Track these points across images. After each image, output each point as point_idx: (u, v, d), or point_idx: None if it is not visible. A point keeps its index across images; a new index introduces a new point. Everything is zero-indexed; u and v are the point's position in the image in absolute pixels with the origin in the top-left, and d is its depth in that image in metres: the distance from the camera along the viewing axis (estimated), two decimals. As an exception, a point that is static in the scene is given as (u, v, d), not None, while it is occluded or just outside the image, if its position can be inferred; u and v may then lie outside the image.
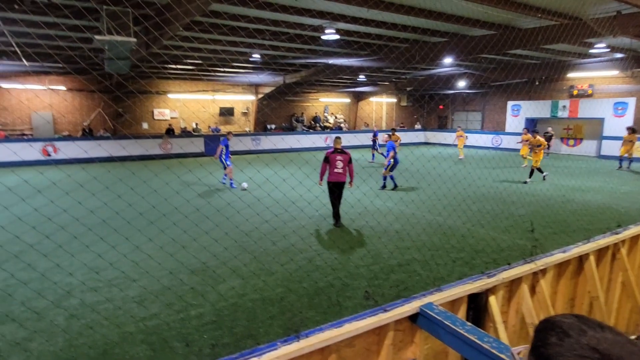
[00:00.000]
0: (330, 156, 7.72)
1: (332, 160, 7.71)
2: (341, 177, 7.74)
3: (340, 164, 7.69)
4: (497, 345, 2.00)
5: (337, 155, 7.74)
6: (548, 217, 8.38)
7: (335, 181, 7.73)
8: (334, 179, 7.73)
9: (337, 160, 7.69)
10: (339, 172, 7.70)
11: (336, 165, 7.67)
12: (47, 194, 5.74)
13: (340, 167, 7.68)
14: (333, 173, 7.71)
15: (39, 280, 5.08)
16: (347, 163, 7.73)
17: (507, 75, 19.68)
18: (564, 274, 3.51)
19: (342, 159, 7.72)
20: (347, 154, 7.78)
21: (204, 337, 4.00)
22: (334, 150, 7.82)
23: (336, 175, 7.71)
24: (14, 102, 18.93)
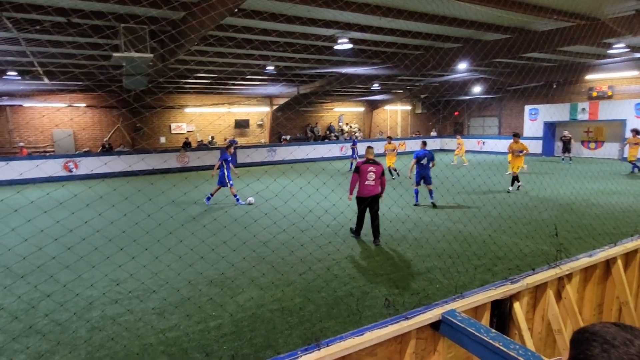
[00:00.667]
0: (362, 167, 7.06)
1: (363, 171, 7.03)
2: (374, 189, 7.05)
3: (373, 176, 7.02)
4: (524, 352, 1.93)
5: (370, 166, 7.07)
6: (572, 222, 8.15)
7: (368, 195, 7.03)
8: (366, 192, 7.04)
9: (369, 172, 7.03)
10: (370, 184, 7.01)
11: (367, 177, 7.02)
12: (68, 207, 5.88)
13: (373, 180, 7.02)
14: (364, 186, 7.03)
15: (62, 293, 5.18)
16: (380, 175, 7.09)
17: (523, 79, 19.40)
18: (591, 278, 3.39)
19: (374, 170, 7.04)
20: (380, 164, 7.15)
21: (224, 347, 3.99)
22: (366, 161, 7.15)
23: (368, 188, 7.03)
24: (36, 120, 19.59)
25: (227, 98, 24.14)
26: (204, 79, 17.53)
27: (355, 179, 7.09)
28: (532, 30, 11.17)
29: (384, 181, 7.20)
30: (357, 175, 7.06)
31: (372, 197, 6.99)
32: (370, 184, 7.00)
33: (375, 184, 7.03)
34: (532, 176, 14.11)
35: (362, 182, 7.00)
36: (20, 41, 9.46)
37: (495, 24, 10.51)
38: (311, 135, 27.16)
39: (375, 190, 7.04)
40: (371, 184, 6.99)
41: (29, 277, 5.53)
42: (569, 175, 13.25)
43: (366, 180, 6.99)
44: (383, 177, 7.15)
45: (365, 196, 7.02)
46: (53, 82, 15.56)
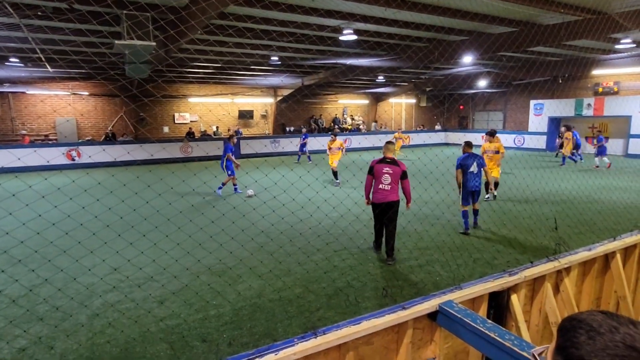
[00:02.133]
0: (376, 167, 5.95)
1: (377, 172, 5.93)
2: (389, 195, 5.87)
3: (388, 179, 5.87)
4: (519, 342, 1.94)
5: (385, 166, 5.92)
6: (573, 217, 8.13)
7: (381, 201, 5.87)
8: (379, 197, 5.90)
9: (383, 174, 5.90)
10: (385, 189, 5.87)
11: (382, 180, 5.87)
12: (67, 193, 5.91)
13: (388, 183, 5.86)
14: (378, 190, 5.91)
15: (61, 278, 5.21)
16: (399, 178, 5.92)
17: (529, 73, 19.24)
18: (589, 272, 3.39)
19: (390, 171, 5.90)
20: (398, 165, 5.94)
21: (224, 336, 4.02)
22: (382, 160, 6.00)
23: (382, 193, 5.88)
24: (38, 108, 19.62)
25: (231, 88, 24.08)
26: (207, 69, 17.48)
27: (369, 181, 6.06)
28: (539, 23, 11.06)
29: (407, 185, 5.99)
30: (370, 177, 6.02)
31: (387, 204, 5.86)
32: (384, 187, 5.88)
33: (392, 188, 5.88)
34: (534, 171, 14.05)
35: (377, 184, 5.97)
36: (21, 27, 9.44)
37: (501, 16, 10.40)
38: (315, 127, 27.10)
39: (391, 197, 5.87)
40: (386, 189, 5.87)
41: (27, 261, 5.57)
42: (571, 170, 13.19)
43: (380, 183, 5.91)
44: (405, 181, 5.97)
45: (378, 202, 5.93)
46: (55, 69, 15.54)
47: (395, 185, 5.90)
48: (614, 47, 14.24)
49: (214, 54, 13.71)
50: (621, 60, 18.00)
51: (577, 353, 0.74)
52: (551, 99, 22.98)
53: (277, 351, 1.92)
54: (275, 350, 1.92)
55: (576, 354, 0.74)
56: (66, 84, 19.91)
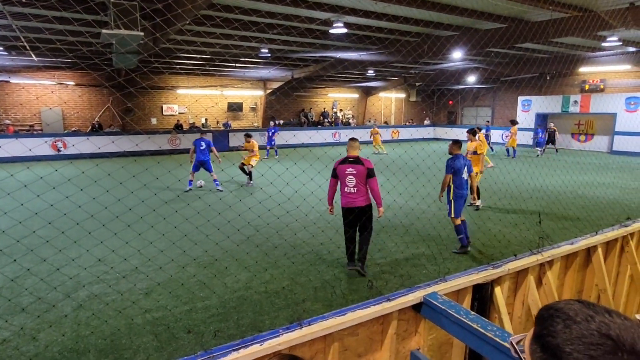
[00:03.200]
0: (338, 168, 5.14)
1: (340, 173, 5.13)
2: (357, 199, 5.08)
3: (353, 180, 5.06)
4: (501, 333, 1.98)
5: (347, 166, 5.09)
6: (558, 212, 8.28)
7: (350, 206, 5.12)
8: (346, 202, 5.14)
9: (347, 175, 5.08)
10: (350, 192, 5.09)
11: (347, 183, 5.09)
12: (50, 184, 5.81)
13: (353, 185, 5.07)
14: (344, 194, 5.14)
15: (45, 269, 5.14)
16: (365, 178, 5.08)
17: (517, 69, 19.43)
18: (572, 266, 3.46)
19: (354, 171, 5.06)
20: (363, 164, 5.08)
21: (210, 328, 4.02)
22: (344, 159, 5.17)
23: (348, 196, 5.11)
24: (23, 98, 19.17)
25: (220, 80, 23.82)
26: (195, 60, 17.26)
27: (332, 184, 5.25)
28: (527, 20, 11.15)
29: (376, 186, 5.12)
30: (334, 180, 5.22)
31: (359, 209, 5.12)
32: (350, 191, 5.10)
33: (358, 191, 5.08)
34: (519, 166, 14.24)
35: (342, 188, 5.17)
36: (5, 14, 9.18)
37: (489, 12, 10.45)
38: (305, 120, 27.03)
39: (359, 201, 5.10)
40: (351, 192, 5.09)
41: (9, 251, 5.48)
42: (557, 167, 13.41)
43: (345, 186, 5.12)
44: (372, 181, 5.10)
45: (346, 207, 5.16)
46: (40, 58, 15.18)
47: (362, 187, 5.10)
48: (600, 45, 14.44)
49: (202, 44, 13.53)
50: (607, 58, 18.27)
51: (553, 341, 0.75)
52: (539, 95, 23.26)
53: (262, 342, 1.93)
54: (260, 341, 1.93)
55: (552, 343, 0.75)
56: (52, 73, 19.47)
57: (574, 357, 0.71)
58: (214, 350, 1.85)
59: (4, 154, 13.22)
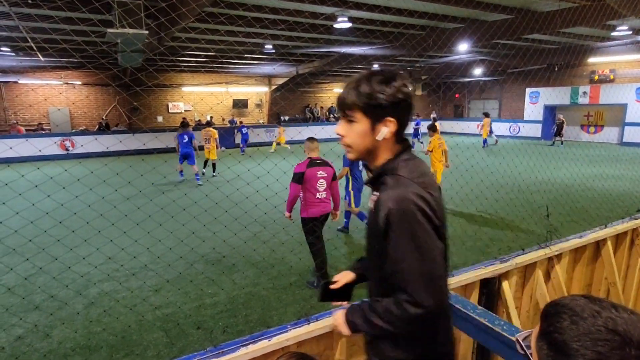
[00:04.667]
0: (308, 172, 4.60)
1: (311, 178, 4.62)
2: (328, 205, 4.81)
3: (324, 184, 4.69)
4: (509, 328, 1.97)
5: (318, 169, 4.66)
6: (566, 205, 8.20)
7: (322, 214, 4.75)
8: (319, 210, 4.72)
9: (319, 179, 4.66)
10: (322, 197, 4.71)
11: (318, 188, 4.66)
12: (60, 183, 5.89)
13: (324, 189, 4.70)
14: (315, 202, 4.68)
15: (56, 267, 5.21)
16: (331, 181, 4.80)
17: (525, 61, 19.20)
18: (580, 259, 3.44)
19: (325, 174, 4.70)
20: (330, 165, 4.82)
21: (219, 324, 4.06)
22: (312, 162, 4.69)
23: (321, 204, 4.73)
24: (31, 98, 19.37)
25: (225, 77, 23.86)
26: (200, 57, 17.29)
27: (297, 191, 4.64)
28: (534, 10, 10.99)
29: (337, 189, 4.88)
30: (298, 187, 4.62)
31: (324, 216, 4.81)
32: (322, 197, 4.70)
33: (327, 195, 4.77)
34: (527, 158, 14.12)
35: (311, 195, 4.67)
36: (12, 15, 9.26)
37: (496, 3, 10.33)
38: (310, 116, 27.00)
39: (329, 206, 4.82)
40: (323, 197, 4.71)
41: (22, 251, 5.56)
42: (565, 159, 13.27)
43: (317, 192, 4.65)
44: (335, 183, 4.84)
45: (318, 215, 4.72)
46: (47, 58, 15.31)
47: (329, 190, 4.80)
48: (610, 35, 14.21)
49: (206, 42, 13.55)
50: (617, 47, 17.97)
51: (560, 338, 0.75)
52: (547, 87, 22.99)
53: (270, 337, 1.95)
54: (269, 337, 1.95)
55: (559, 339, 0.75)
56: (59, 73, 19.64)
57: (581, 353, 0.71)
58: (223, 345, 1.88)
59: (14, 154, 13.39)
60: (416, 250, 1.27)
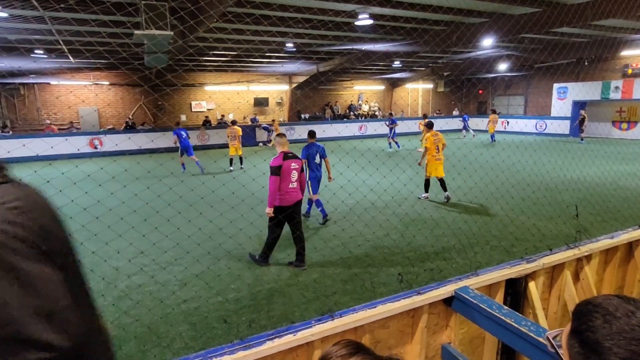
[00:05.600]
0: (284, 164, 5.16)
1: (286, 170, 5.17)
2: (298, 193, 5.33)
3: (296, 175, 5.29)
4: (536, 328, 1.95)
5: (291, 162, 5.25)
6: (597, 205, 7.94)
7: (291, 203, 5.24)
8: (291, 199, 5.23)
9: (292, 170, 5.24)
10: (294, 187, 5.27)
11: (291, 179, 5.25)
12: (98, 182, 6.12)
13: (295, 180, 5.29)
14: (288, 191, 5.20)
15: (91, 260, 5.42)
16: (300, 172, 5.42)
17: (552, 55, 18.60)
18: (612, 261, 3.34)
19: (297, 166, 5.32)
20: (300, 158, 5.49)
21: (242, 319, 4.15)
22: (286, 156, 5.26)
23: (293, 193, 5.25)
24: (62, 98, 20.13)
25: (247, 76, 24.11)
26: (224, 57, 17.53)
27: (277, 183, 5.10)
28: (564, 3, 10.64)
29: (304, 179, 5.61)
30: (277, 179, 5.10)
31: (296, 204, 5.33)
32: (294, 186, 5.26)
33: (298, 185, 5.34)
34: (555, 156, 13.72)
35: (285, 185, 5.17)
36: (45, 19, 9.64)
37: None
38: (330, 114, 26.99)
39: (299, 194, 5.36)
40: (295, 187, 5.27)
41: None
42: (596, 157, 12.83)
43: (290, 182, 5.21)
44: (303, 174, 5.58)
45: (288, 204, 5.20)
46: (77, 59, 15.85)
47: (299, 181, 5.39)
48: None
49: (231, 42, 13.73)
50: (652, 40, 17.20)
51: (592, 337, 0.75)
52: (576, 82, 22.23)
53: (295, 332, 1.99)
54: (294, 331, 1.99)
55: (592, 338, 0.75)
56: (88, 74, 20.32)
57: (614, 352, 0.71)
58: (250, 339, 1.93)
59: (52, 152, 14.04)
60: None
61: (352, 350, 0.95)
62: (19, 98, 19.53)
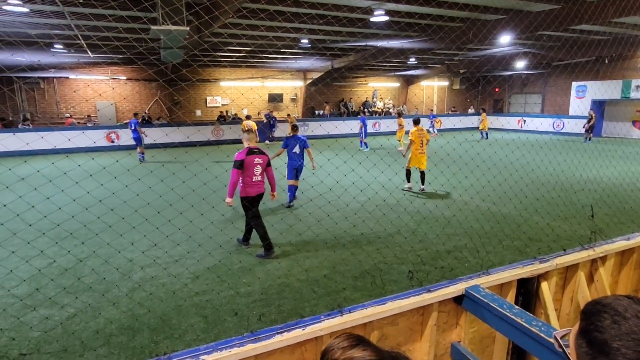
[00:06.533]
0: (247, 159, 5.59)
1: (249, 165, 5.60)
2: (262, 186, 5.80)
3: (259, 169, 5.71)
4: (547, 329, 1.94)
5: (255, 157, 5.68)
6: (614, 206, 7.78)
7: (257, 194, 5.75)
8: (255, 190, 5.71)
9: (255, 165, 5.67)
10: (258, 180, 5.72)
11: (254, 172, 5.67)
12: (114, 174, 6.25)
13: (259, 174, 5.72)
14: (252, 184, 5.68)
15: (106, 252, 5.54)
16: (265, 167, 5.82)
17: (571, 53, 18.20)
18: (627, 262, 3.28)
19: (261, 161, 5.71)
20: (264, 154, 5.84)
21: (253, 312, 4.19)
22: (250, 151, 5.67)
23: (257, 185, 5.72)
24: (81, 92, 20.51)
25: (262, 71, 24.19)
26: (239, 52, 17.62)
27: (237, 176, 5.54)
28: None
29: (272, 173, 5.97)
30: (238, 172, 5.53)
31: (258, 195, 5.80)
32: (258, 179, 5.72)
33: (262, 179, 5.80)
34: (570, 155, 13.46)
35: (249, 178, 5.68)
36: (65, 14, 9.82)
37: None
38: (344, 111, 26.91)
39: (262, 187, 5.82)
40: (259, 180, 5.74)
41: (77, 235, 5.95)
42: (613, 157, 12.54)
43: (253, 175, 5.68)
44: (270, 169, 5.93)
45: (254, 194, 5.72)
46: (95, 54, 16.12)
47: (264, 175, 5.82)
48: (668, 24, 13.22)
49: (246, 37, 13.78)
50: (676, 38, 16.68)
51: (600, 337, 0.74)
52: (595, 80, 21.72)
53: (304, 326, 2.01)
54: (302, 326, 2.01)
55: (600, 338, 0.74)
56: (105, 68, 20.64)
57: (622, 352, 0.71)
58: (260, 332, 1.96)
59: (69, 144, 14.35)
60: None
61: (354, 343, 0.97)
62: (38, 92, 19.95)
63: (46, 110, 20.19)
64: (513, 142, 18.96)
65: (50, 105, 20.22)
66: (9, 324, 3.98)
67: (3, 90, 18.59)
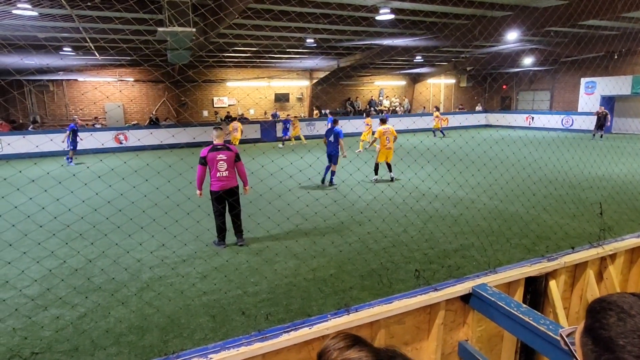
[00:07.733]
0: (209, 156, 5.80)
1: (211, 161, 5.82)
2: (229, 182, 5.89)
3: (224, 165, 5.83)
4: (555, 327, 1.93)
5: (217, 153, 5.81)
6: (624, 204, 7.69)
7: (222, 189, 5.84)
8: (220, 185, 5.83)
9: (218, 161, 5.80)
10: (223, 176, 5.84)
11: (218, 168, 5.81)
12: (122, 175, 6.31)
13: (225, 169, 5.84)
14: (216, 179, 5.84)
15: (115, 252, 5.60)
16: (234, 162, 5.91)
17: (580, 49, 17.99)
18: (638, 260, 3.25)
19: (224, 157, 5.82)
20: (230, 149, 5.93)
21: (261, 312, 4.21)
22: (213, 148, 5.86)
23: (221, 181, 5.84)
24: (89, 94, 20.74)
25: (267, 72, 24.25)
26: (244, 53, 17.68)
27: (201, 172, 5.84)
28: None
29: (243, 168, 6.01)
30: (203, 168, 5.82)
31: (227, 191, 5.87)
32: (222, 175, 5.86)
33: (230, 174, 5.88)
34: (579, 152, 13.32)
35: (213, 173, 5.84)
36: (73, 17, 9.93)
37: (550, -11, 9.76)
38: (351, 109, 26.88)
39: (231, 183, 5.91)
40: (224, 175, 5.86)
41: (86, 235, 6.02)
42: (622, 154, 12.38)
43: (217, 171, 5.83)
44: (240, 164, 5.97)
45: (217, 190, 5.85)
46: (103, 56, 16.28)
47: (232, 170, 5.89)
48: (679, 18, 13.01)
49: (251, 38, 13.82)
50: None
51: (606, 334, 0.74)
52: (604, 76, 21.45)
53: (311, 325, 2.02)
54: (309, 325, 2.02)
55: (605, 335, 0.74)
56: (114, 70, 20.84)
57: (627, 350, 0.71)
58: (267, 331, 1.97)
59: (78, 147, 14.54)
60: None
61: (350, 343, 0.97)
62: (48, 94, 20.20)
63: (55, 113, 20.44)
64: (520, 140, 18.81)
65: (59, 107, 20.47)
66: (21, 324, 4.05)
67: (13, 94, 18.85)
